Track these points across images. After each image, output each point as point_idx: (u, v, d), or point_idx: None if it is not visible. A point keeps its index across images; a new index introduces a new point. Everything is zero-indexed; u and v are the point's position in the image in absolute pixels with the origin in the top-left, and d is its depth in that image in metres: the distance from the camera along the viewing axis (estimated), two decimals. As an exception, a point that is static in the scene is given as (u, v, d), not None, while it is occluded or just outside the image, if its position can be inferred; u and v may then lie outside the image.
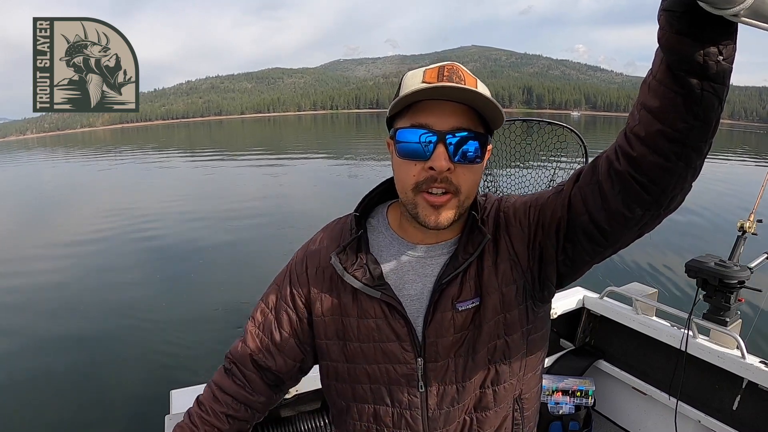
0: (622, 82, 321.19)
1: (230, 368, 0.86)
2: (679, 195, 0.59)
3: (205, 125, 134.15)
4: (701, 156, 0.55)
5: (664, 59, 0.51)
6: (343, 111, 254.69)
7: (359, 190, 0.86)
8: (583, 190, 0.65)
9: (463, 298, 0.74)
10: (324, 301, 0.80)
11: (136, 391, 3.67)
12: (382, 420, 0.77)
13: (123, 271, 6.53)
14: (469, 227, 0.76)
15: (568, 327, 2.17)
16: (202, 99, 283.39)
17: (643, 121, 0.54)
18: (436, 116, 0.68)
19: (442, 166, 0.67)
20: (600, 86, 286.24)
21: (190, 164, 21.83)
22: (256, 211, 10.00)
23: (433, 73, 0.68)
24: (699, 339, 1.73)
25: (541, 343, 0.81)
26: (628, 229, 0.63)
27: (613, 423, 2.11)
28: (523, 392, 0.79)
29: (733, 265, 1.72)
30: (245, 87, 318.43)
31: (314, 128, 75.94)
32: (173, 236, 8.30)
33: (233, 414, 0.84)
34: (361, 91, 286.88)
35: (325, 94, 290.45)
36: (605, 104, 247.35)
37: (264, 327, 0.85)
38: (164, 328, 4.68)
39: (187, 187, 14.75)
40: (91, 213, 10.69)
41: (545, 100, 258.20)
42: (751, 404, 1.61)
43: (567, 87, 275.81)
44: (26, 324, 4.93)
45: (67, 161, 29.44)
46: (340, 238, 0.82)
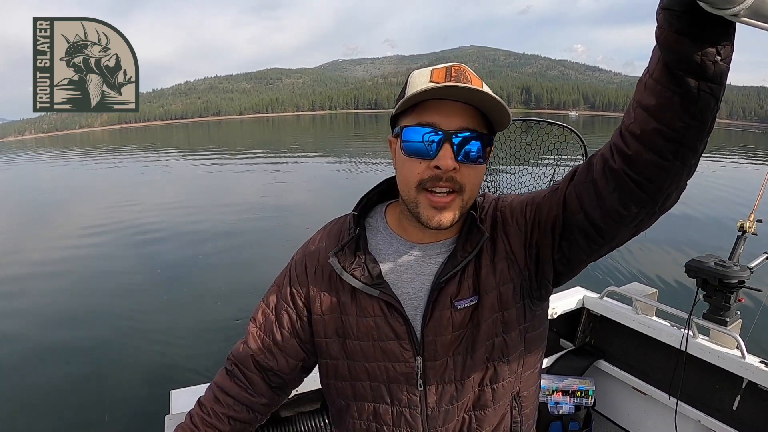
0: (620, 82, 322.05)
1: (232, 369, 0.86)
2: (674, 193, 0.59)
3: (204, 126, 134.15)
4: (697, 154, 0.56)
5: (662, 58, 0.51)
6: (341, 111, 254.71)
7: (357, 190, 0.87)
8: (578, 189, 0.65)
9: (461, 296, 0.74)
10: (323, 300, 0.80)
11: (136, 391, 3.67)
12: (381, 418, 0.77)
13: (123, 271, 6.53)
14: (468, 226, 0.76)
15: (568, 327, 2.17)
16: (201, 99, 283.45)
17: (639, 119, 0.55)
18: (443, 116, 0.68)
19: (448, 165, 0.67)
20: (598, 86, 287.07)
21: (188, 165, 21.84)
22: (255, 212, 10.00)
23: (441, 73, 0.69)
24: (699, 339, 1.73)
25: (539, 341, 0.81)
26: (623, 227, 0.63)
27: (613, 423, 2.11)
28: (521, 390, 0.80)
29: (733, 265, 1.72)
30: (244, 87, 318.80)
31: (313, 129, 75.99)
32: (173, 237, 8.29)
33: (234, 415, 0.84)
34: (359, 92, 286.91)
35: (324, 94, 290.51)
36: (603, 104, 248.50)
37: (265, 327, 0.85)
38: (164, 328, 4.68)
39: (186, 187, 14.75)
40: (91, 214, 10.68)
41: (544, 100, 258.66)
42: (751, 404, 1.61)
43: (565, 87, 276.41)
44: (26, 324, 4.93)
45: (66, 162, 29.44)
46: (338, 237, 0.82)
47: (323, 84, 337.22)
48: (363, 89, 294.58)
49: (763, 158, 25.14)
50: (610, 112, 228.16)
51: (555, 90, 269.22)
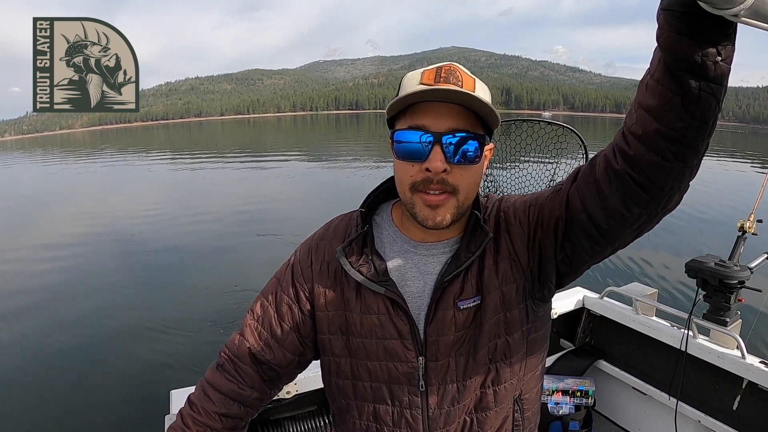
0: (600, 83, 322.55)
1: (222, 364, 0.86)
2: (676, 194, 0.59)
3: (185, 127, 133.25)
4: (698, 155, 0.55)
5: (663, 59, 0.51)
6: (322, 112, 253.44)
7: (341, 191, 0.87)
8: (581, 189, 0.65)
9: (464, 296, 0.74)
10: (328, 296, 0.80)
11: (136, 391, 3.67)
12: (382, 419, 0.77)
13: (123, 271, 6.55)
14: (472, 226, 0.76)
15: (568, 327, 2.17)
16: (182, 100, 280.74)
17: (640, 120, 0.55)
18: (433, 117, 0.68)
19: (438, 167, 0.67)
20: (578, 87, 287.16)
21: (171, 167, 21.63)
22: (246, 212, 10.02)
23: (431, 74, 0.69)
24: (699, 339, 1.73)
25: (541, 343, 0.81)
26: (626, 228, 0.63)
27: (613, 423, 2.11)
28: (523, 393, 0.79)
29: (733, 265, 1.72)
30: (225, 88, 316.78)
31: (294, 130, 75.50)
32: (173, 237, 8.31)
33: (225, 412, 0.83)
34: (340, 93, 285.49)
35: (305, 95, 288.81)
36: (583, 105, 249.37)
37: (263, 320, 0.84)
38: (164, 328, 4.68)
39: (174, 189, 14.69)
40: (83, 214, 10.71)
41: (524, 100, 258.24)
42: (751, 404, 1.61)
43: (545, 88, 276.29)
44: (26, 326, 4.92)
45: (45, 164, 29.06)
46: (345, 233, 0.82)
47: (304, 85, 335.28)
48: (344, 90, 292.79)
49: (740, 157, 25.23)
50: (590, 113, 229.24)
51: (535, 91, 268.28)
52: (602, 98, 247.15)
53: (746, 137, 64.62)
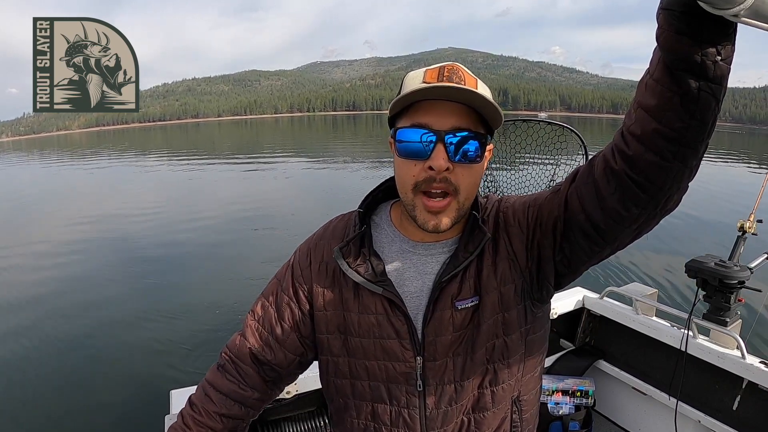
0: (597, 83, 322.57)
1: (224, 365, 0.86)
2: (675, 194, 0.59)
3: (182, 128, 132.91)
4: (697, 155, 0.55)
5: (662, 58, 0.51)
6: (319, 113, 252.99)
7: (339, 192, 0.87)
8: (579, 190, 0.65)
9: (462, 296, 0.74)
10: (326, 296, 0.80)
11: (136, 391, 3.67)
12: (380, 418, 0.77)
13: (123, 272, 6.54)
14: (470, 226, 0.76)
15: (568, 327, 2.17)
16: (179, 102, 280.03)
17: (639, 120, 0.54)
18: (436, 116, 0.68)
19: (441, 165, 0.67)
20: (575, 88, 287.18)
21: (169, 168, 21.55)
22: (246, 212, 10.01)
23: (434, 73, 0.69)
24: (699, 339, 1.73)
25: (539, 345, 0.81)
26: (624, 228, 0.63)
27: (613, 423, 2.11)
28: (521, 394, 0.79)
29: (733, 265, 1.72)
30: (222, 89, 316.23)
31: (292, 131, 75.37)
32: (172, 237, 8.31)
33: (226, 413, 0.83)
34: (337, 94, 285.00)
35: (302, 96, 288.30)
36: (580, 105, 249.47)
37: (264, 321, 0.85)
38: (164, 328, 4.68)
39: (173, 190, 14.65)
40: (82, 214, 10.68)
41: (521, 101, 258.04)
42: (751, 404, 1.61)
43: (542, 89, 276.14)
44: (26, 326, 4.92)
45: (43, 165, 28.88)
46: (343, 233, 0.82)
47: (301, 86, 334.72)
48: (341, 91, 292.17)
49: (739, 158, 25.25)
50: (587, 114, 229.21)
51: (532, 92, 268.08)
52: (599, 99, 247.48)
53: (743, 137, 64.78)
